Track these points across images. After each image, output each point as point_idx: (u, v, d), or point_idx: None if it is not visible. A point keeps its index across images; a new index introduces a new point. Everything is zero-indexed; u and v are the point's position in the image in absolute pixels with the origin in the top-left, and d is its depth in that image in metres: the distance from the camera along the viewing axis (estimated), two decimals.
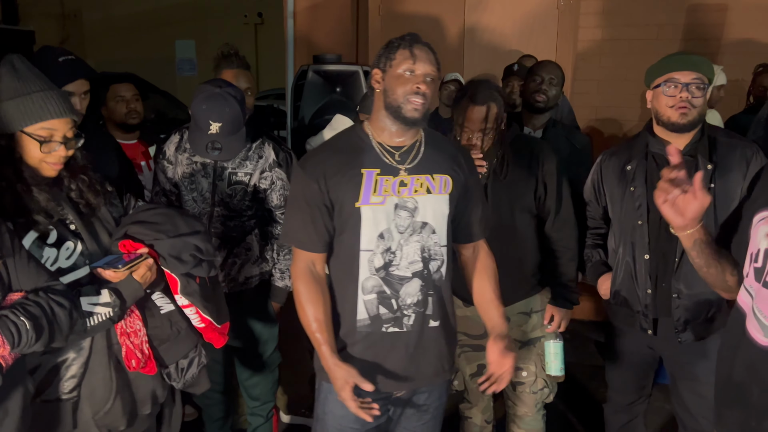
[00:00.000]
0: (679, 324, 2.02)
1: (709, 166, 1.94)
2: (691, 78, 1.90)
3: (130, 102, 2.85)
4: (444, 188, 1.67)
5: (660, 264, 2.02)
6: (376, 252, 1.62)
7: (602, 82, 4.37)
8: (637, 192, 2.04)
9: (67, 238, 1.57)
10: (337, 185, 1.61)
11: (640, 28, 4.24)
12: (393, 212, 1.62)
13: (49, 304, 1.39)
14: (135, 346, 1.65)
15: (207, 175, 2.23)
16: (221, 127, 2.05)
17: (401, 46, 1.60)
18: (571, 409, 3.07)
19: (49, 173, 1.57)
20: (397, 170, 1.63)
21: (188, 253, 1.67)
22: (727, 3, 4.08)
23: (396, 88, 1.59)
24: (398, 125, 1.63)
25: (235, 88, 2.12)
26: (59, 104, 1.52)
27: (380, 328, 1.65)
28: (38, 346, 1.37)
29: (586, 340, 3.85)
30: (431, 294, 1.67)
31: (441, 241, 1.67)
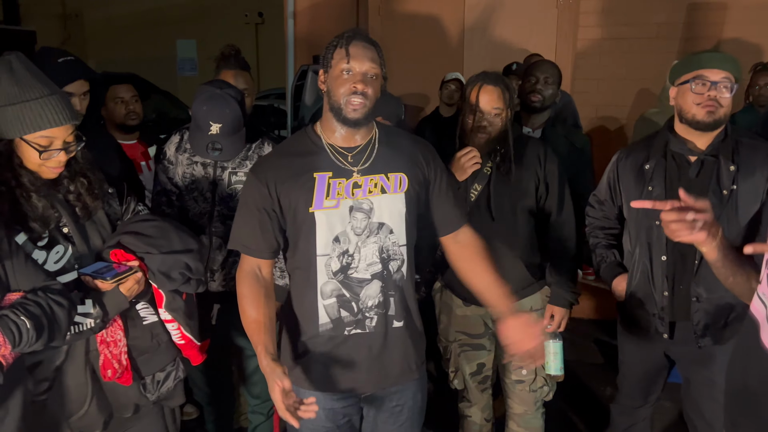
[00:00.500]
0: (698, 328, 1.97)
1: (732, 167, 1.89)
2: (720, 76, 1.85)
3: (129, 103, 2.86)
4: (399, 187, 1.63)
5: (678, 266, 1.97)
6: (332, 256, 1.59)
7: (602, 81, 4.37)
8: (655, 192, 1.98)
9: (58, 241, 1.56)
10: (288, 191, 1.58)
11: (640, 26, 4.24)
12: (348, 215, 1.59)
13: (48, 303, 1.39)
14: (113, 356, 1.64)
15: (207, 175, 2.24)
16: (221, 127, 2.06)
17: (338, 45, 1.56)
18: (571, 408, 3.08)
19: (49, 176, 1.56)
20: (350, 172, 1.60)
21: (178, 271, 1.66)
22: (726, 2, 4.09)
23: (336, 89, 1.56)
24: (343, 126, 1.60)
25: (235, 89, 2.13)
26: (59, 111, 1.49)
27: (343, 331, 1.63)
28: (38, 345, 1.38)
29: (586, 339, 3.85)
30: (392, 294, 1.65)
31: (400, 241, 1.64)
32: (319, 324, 1.63)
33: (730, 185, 1.89)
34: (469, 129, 2.10)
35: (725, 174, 1.89)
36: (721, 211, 1.88)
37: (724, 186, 1.89)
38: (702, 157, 1.93)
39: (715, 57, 1.89)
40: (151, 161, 2.93)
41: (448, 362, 2.37)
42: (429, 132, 4.13)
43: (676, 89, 1.95)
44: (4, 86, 1.47)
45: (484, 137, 2.08)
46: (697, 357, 2.03)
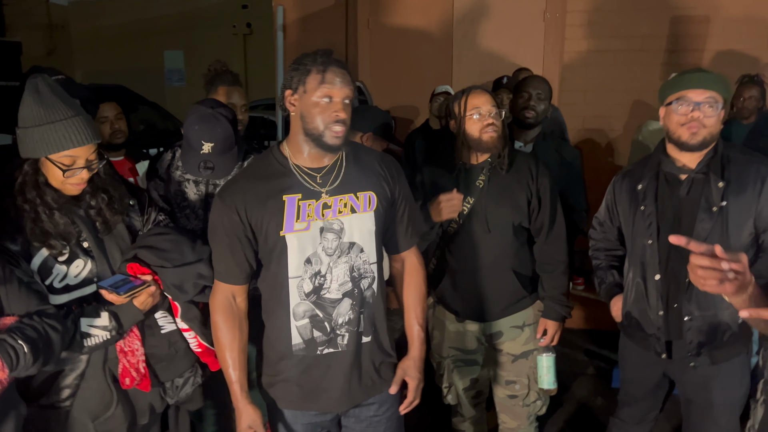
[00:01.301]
0: (692, 347, 1.94)
1: (721, 183, 1.88)
2: (703, 97, 1.84)
3: (114, 122, 2.83)
4: (369, 205, 1.64)
5: (672, 285, 1.96)
6: (305, 278, 1.59)
7: (588, 93, 4.43)
8: (647, 211, 1.98)
9: (78, 255, 1.61)
10: (259, 215, 1.57)
11: (625, 39, 4.31)
12: (319, 236, 1.59)
13: (43, 327, 1.42)
14: (131, 365, 1.69)
15: (199, 193, 2.25)
16: (213, 146, 2.07)
17: (314, 71, 1.54)
18: (562, 418, 3.09)
19: (72, 193, 1.62)
20: (318, 193, 1.60)
21: (191, 282, 1.70)
22: (709, 15, 4.16)
23: (314, 116, 1.54)
24: (318, 149, 1.59)
25: (227, 108, 2.14)
26: (82, 132, 1.55)
27: (315, 351, 1.64)
28: (34, 369, 1.40)
29: (577, 349, 3.88)
30: (362, 311, 1.66)
31: (370, 259, 1.65)
32: (291, 344, 1.63)
33: (720, 201, 1.87)
34: (479, 132, 2.07)
35: (714, 190, 1.88)
36: (711, 227, 1.87)
37: (713, 202, 1.88)
38: (692, 174, 1.93)
39: (699, 77, 1.88)
40: (139, 177, 2.92)
41: (442, 378, 2.37)
42: (419, 144, 4.16)
43: (664, 109, 1.96)
44: (30, 108, 1.53)
45: (494, 134, 2.07)
46: (696, 378, 2.01)
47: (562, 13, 4.39)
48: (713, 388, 1.98)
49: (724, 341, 1.94)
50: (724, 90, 1.88)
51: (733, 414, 2.04)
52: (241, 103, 2.41)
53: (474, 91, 2.11)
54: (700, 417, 2.05)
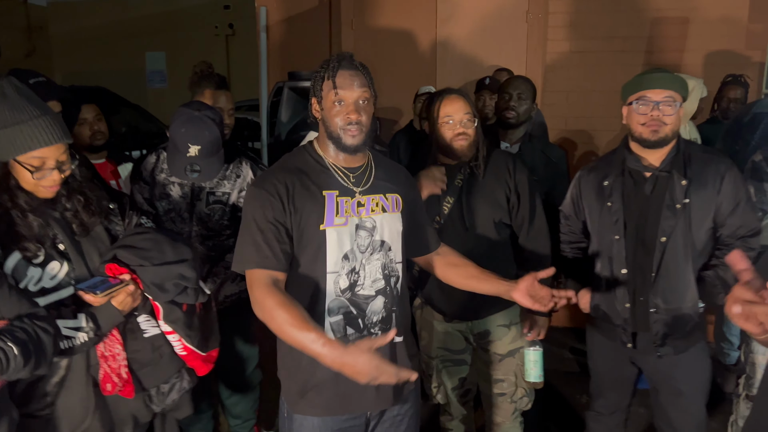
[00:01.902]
0: (657, 338, 2.03)
1: (684, 181, 1.97)
2: (662, 96, 1.93)
3: (93, 124, 2.78)
4: (396, 206, 1.71)
5: (638, 278, 2.04)
6: (341, 273, 1.61)
7: (571, 93, 4.47)
8: (614, 207, 2.05)
9: (54, 258, 1.58)
10: (301, 207, 1.59)
11: (606, 40, 4.35)
12: (355, 233, 1.62)
13: (34, 330, 1.40)
14: (112, 370, 1.64)
15: (185, 195, 2.23)
16: (200, 149, 2.06)
17: (326, 77, 1.60)
18: (547, 415, 3.12)
19: (45, 195, 1.58)
20: (353, 192, 1.65)
21: (171, 282, 1.67)
22: (688, 16, 4.22)
23: (331, 118, 1.60)
24: (342, 152, 1.64)
25: (213, 110, 2.13)
26: (50, 131, 1.51)
27: None
28: (25, 372, 1.38)
29: (562, 347, 3.91)
30: (394, 309, 1.69)
31: (396, 258, 1.70)
32: None
33: (683, 199, 1.96)
34: (449, 139, 2.11)
35: (678, 188, 1.97)
36: (676, 224, 1.96)
37: (676, 200, 1.97)
38: (656, 173, 2.01)
39: (657, 78, 1.96)
40: (121, 180, 2.89)
41: (431, 378, 2.37)
42: (404, 145, 4.17)
43: (626, 109, 2.03)
44: None
45: (465, 142, 2.10)
46: (662, 367, 2.09)
47: (544, 14, 4.42)
48: (678, 376, 2.07)
49: (687, 331, 2.03)
50: (681, 89, 1.97)
51: (699, 399, 2.12)
52: (228, 107, 2.40)
53: (448, 96, 2.12)
54: (667, 404, 2.14)
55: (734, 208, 1.98)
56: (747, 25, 4.15)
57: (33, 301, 1.49)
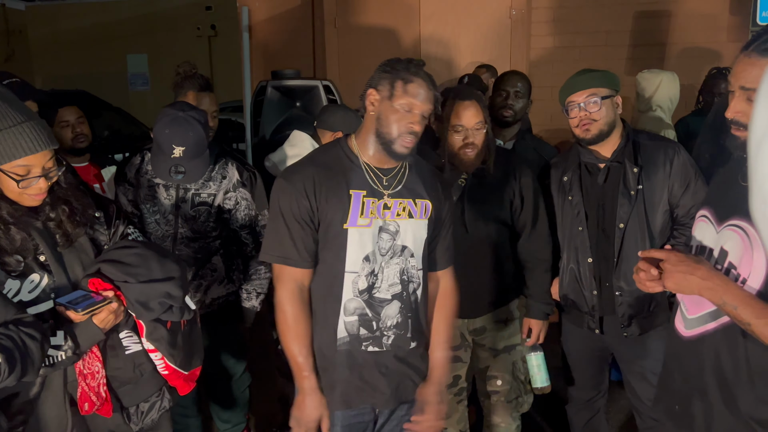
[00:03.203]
0: (624, 320, 2.12)
1: (635, 169, 2.06)
2: (583, 97, 2.04)
3: (76, 126, 2.75)
4: (424, 213, 1.67)
5: (602, 265, 2.13)
6: (361, 274, 1.61)
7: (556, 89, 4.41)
8: (574, 200, 2.14)
9: (34, 270, 1.51)
10: (326, 203, 1.59)
11: (590, 35, 4.37)
12: (377, 235, 1.61)
13: (20, 336, 1.35)
14: (91, 389, 1.59)
15: (170, 197, 2.20)
16: (185, 150, 2.03)
17: (402, 79, 1.57)
18: (537, 411, 3.11)
19: (31, 204, 1.51)
20: (381, 194, 1.63)
21: (157, 300, 1.61)
22: (671, 10, 4.25)
23: (391, 121, 1.57)
24: (384, 154, 1.62)
25: (198, 111, 2.10)
26: (34, 139, 1.44)
27: (359, 346, 1.64)
28: (11, 379, 1.33)
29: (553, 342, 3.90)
30: (410, 316, 1.67)
31: (418, 265, 1.68)
32: (337, 337, 1.63)
33: (636, 185, 2.06)
34: (456, 148, 2.08)
35: (630, 176, 2.07)
36: (631, 210, 2.06)
37: (630, 187, 2.07)
38: (608, 163, 2.11)
39: (576, 81, 2.08)
40: (104, 183, 2.85)
41: None
42: None
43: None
44: None
45: (472, 152, 2.07)
46: (629, 347, 2.19)
47: (527, 10, 4.42)
48: (643, 354, 2.17)
49: (651, 311, 2.13)
50: (604, 83, 2.06)
51: None
52: (212, 110, 2.37)
53: (461, 102, 2.06)
54: (635, 381, 2.23)
55: (686, 189, 2.07)
56: (728, 18, 4.19)
57: (19, 308, 1.43)
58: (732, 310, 1.24)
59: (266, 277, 2.34)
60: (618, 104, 2.09)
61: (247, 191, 2.29)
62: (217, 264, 2.30)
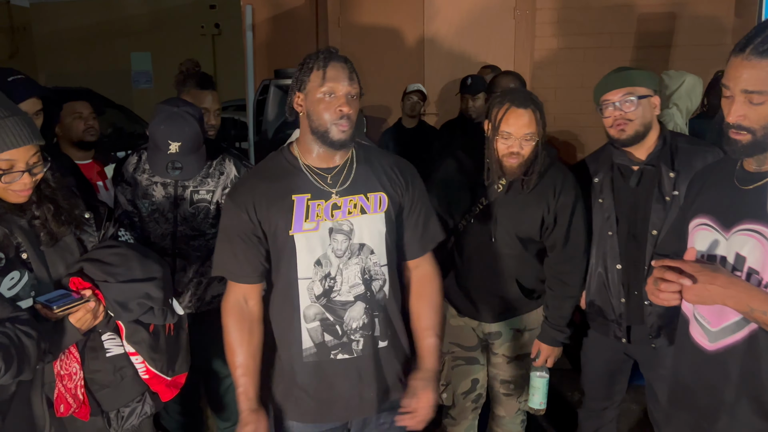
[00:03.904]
0: (652, 330, 2.05)
1: (672, 174, 1.98)
2: (620, 95, 1.96)
3: (88, 119, 2.81)
4: (379, 206, 1.62)
5: (631, 272, 2.04)
6: (315, 279, 1.57)
7: (559, 90, 4.47)
8: (605, 203, 2.06)
9: (15, 267, 1.50)
10: (268, 214, 1.56)
11: (594, 36, 4.35)
12: (328, 237, 1.57)
13: (16, 334, 1.34)
14: (67, 390, 1.56)
15: (168, 196, 2.19)
16: (180, 146, 2.02)
17: (316, 67, 1.55)
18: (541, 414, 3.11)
19: (16, 200, 1.51)
20: (328, 194, 1.59)
21: (135, 301, 1.59)
22: (675, 12, 4.23)
23: (320, 111, 1.54)
24: (326, 148, 1.58)
25: (193, 106, 2.09)
26: (17, 133, 1.44)
27: (328, 355, 1.60)
28: (7, 377, 1.33)
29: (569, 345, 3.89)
30: (377, 315, 1.63)
31: (381, 261, 1.62)
32: (302, 348, 1.60)
33: (672, 191, 1.97)
34: (501, 154, 1.98)
35: (666, 181, 1.98)
36: (666, 217, 1.96)
37: (666, 193, 1.98)
38: (642, 166, 2.03)
39: (612, 79, 2.00)
40: (108, 181, 2.85)
41: (439, 374, 2.28)
42: (392, 144, 4.14)
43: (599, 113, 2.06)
44: None
45: (515, 162, 1.96)
46: (656, 357, 2.10)
47: (531, 11, 4.41)
48: (670, 364, 2.04)
49: None
50: (642, 81, 1.98)
51: None
52: (215, 108, 2.36)
53: (513, 110, 1.93)
54: (661, 391, 2.13)
55: None
56: (733, 20, 4.17)
57: (14, 305, 1.43)
58: (761, 316, 1.18)
59: None
60: (656, 105, 2.00)
61: None
62: None
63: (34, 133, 1.49)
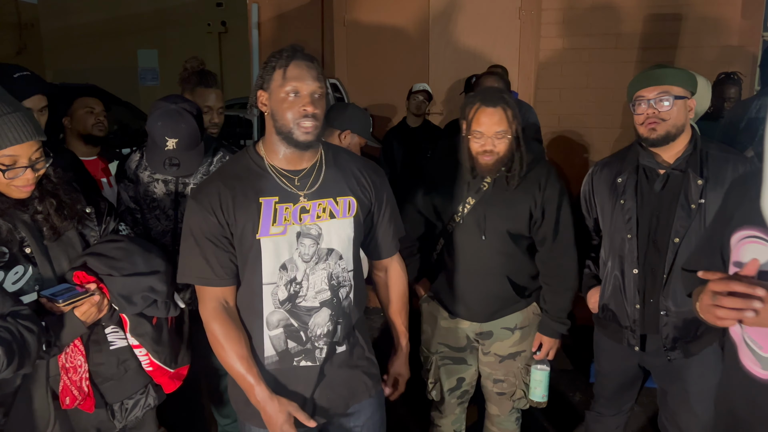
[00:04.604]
0: (667, 342, 1.98)
1: (700, 181, 1.90)
2: (655, 93, 1.89)
3: (99, 115, 2.83)
4: (348, 211, 1.59)
5: (649, 280, 1.98)
6: (279, 284, 1.53)
7: (564, 90, 4.46)
8: (627, 205, 1.99)
9: (19, 261, 1.51)
10: (235, 216, 1.51)
11: (600, 37, 4.34)
12: (296, 241, 1.52)
13: (17, 329, 1.35)
14: (73, 383, 1.58)
15: (169, 193, 2.20)
16: (178, 142, 2.03)
17: (278, 66, 1.50)
18: (542, 413, 3.11)
19: (19, 196, 1.52)
20: (296, 197, 1.54)
21: (140, 295, 1.60)
22: (681, 13, 4.22)
23: (283, 112, 1.49)
24: (292, 149, 1.53)
25: (190, 103, 2.10)
26: (20, 129, 1.45)
27: (291, 363, 1.57)
28: (8, 372, 1.34)
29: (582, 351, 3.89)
30: (340, 322, 1.60)
31: (348, 267, 1.60)
32: (264, 356, 1.57)
33: (698, 199, 1.89)
34: (475, 153, 2.01)
35: (693, 188, 1.90)
36: (689, 225, 1.90)
37: (692, 200, 1.90)
38: (669, 170, 1.96)
39: (648, 75, 1.93)
40: (112, 177, 2.87)
41: (428, 373, 2.33)
42: (397, 143, 4.14)
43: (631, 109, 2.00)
44: None
45: (490, 159, 1.98)
46: (671, 369, 2.04)
47: (537, 11, 4.41)
48: (687, 378, 2.02)
49: (698, 335, 1.97)
50: (680, 82, 1.91)
51: (708, 401, 2.05)
52: (218, 106, 2.36)
53: (483, 109, 1.95)
54: (675, 405, 2.08)
55: None
56: (740, 21, 4.15)
57: (16, 299, 1.44)
58: None
59: None
60: (691, 108, 1.92)
61: None
62: None
63: (37, 129, 1.50)
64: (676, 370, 2.03)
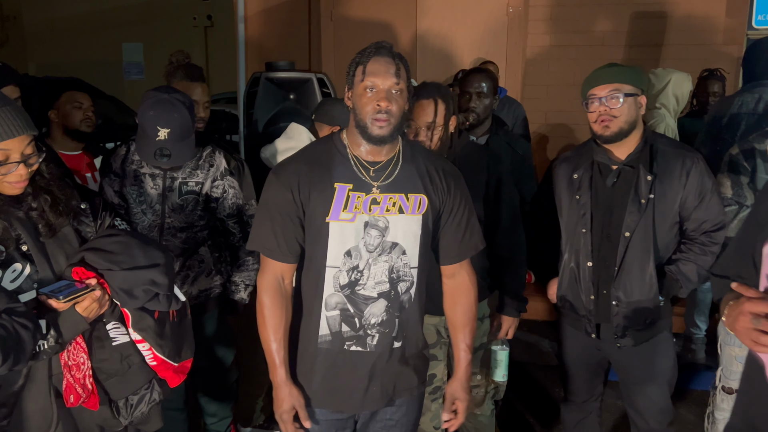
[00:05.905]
0: (618, 330, 2.07)
1: (649, 177, 1.97)
2: (606, 91, 1.95)
3: (87, 111, 2.79)
4: (418, 208, 1.62)
5: (602, 271, 2.06)
6: (342, 269, 1.58)
7: (551, 87, 4.48)
8: (582, 200, 2.07)
9: (16, 259, 1.49)
10: (309, 196, 1.58)
11: (587, 34, 4.37)
12: (363, 230, 1.58)
13: (12, 325, 1.34)
14: (76, 380, 1.56)
15: (156, 187, 2.18)
16: (170, 132, 2.00)
17: (359, 63, 1.57)
18: (527, 409, 3.12)
19: (11, 192, 1.49)
20: (370, 187, 1.59)
21: (141, 288, 1.59)
22: (667, 11, 4.25)
23: (361, 107, 1.56)
24: (370, 144, 1.59)
25: (183, 93, 2.08)
26: (11, 123, 1.42)
27: (342, 345, 1.62)
28: (3, 368, 1.32)
29: (540, 341, 3.92)
30: (398, 315, 1.63)
31: (411, 263, 1.63)
32: (318, 335, 1.62)
33: (648, 194, 1.97)
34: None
35: (643, 183, 1.98)
36: (640, 219, 1.98)
37: (642, 195, 1.98)
38: (620, 166, 2.03)
39: (601, 74, 1.99)
40: (97, 173, 2.83)
41: None
42: None
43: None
44: None
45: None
46: (624, 356, 2.13)
47: (525, 8, 4.42)
48: (639, 365, 2.13)
49: (646, 324, 2.07)
50: (630, 79, 1.97)
51: (661, 386, 2.17)
52: (204, 100, 2.35)
53: (418, 102, 2.00)
54: (632, 391, 2.20)
55: (699, 203, 1.99)
56: (724, 20, 4.19)
57: (12, 297, 1.41)
58: None
59: (254, 269, 2.33)
60: (642, 105, 2.00)
61: (235, 180, 2.28)
62: (204, 255, 2.28)
63: (28, 123, 1.47)
64: (628, 357, 2.12)
